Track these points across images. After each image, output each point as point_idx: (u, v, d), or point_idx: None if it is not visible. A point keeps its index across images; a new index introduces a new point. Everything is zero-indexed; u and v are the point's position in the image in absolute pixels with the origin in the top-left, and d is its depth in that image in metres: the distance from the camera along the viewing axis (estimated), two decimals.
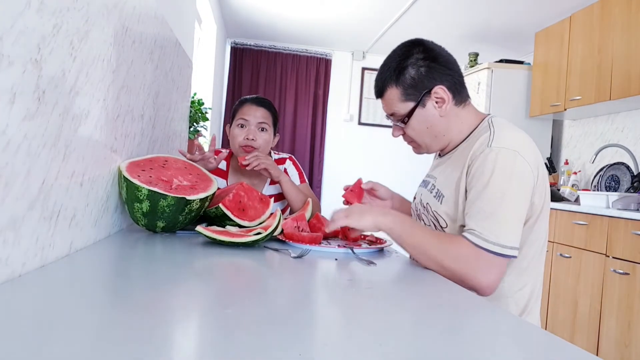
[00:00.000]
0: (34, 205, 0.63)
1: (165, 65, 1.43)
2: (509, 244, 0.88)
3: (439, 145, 1.09)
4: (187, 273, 0.76)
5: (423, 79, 1.01)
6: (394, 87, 1.04)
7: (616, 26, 2.73)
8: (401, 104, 1.04)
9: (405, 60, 1.02)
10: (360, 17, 3.87)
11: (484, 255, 0.88)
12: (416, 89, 1.02)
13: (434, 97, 1.02)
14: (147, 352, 0.41)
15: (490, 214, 0.89)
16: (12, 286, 0.56)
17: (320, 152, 4.96)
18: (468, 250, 0.89)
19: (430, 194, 1.08)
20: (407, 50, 1.04)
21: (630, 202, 2.38)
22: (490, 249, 0.88)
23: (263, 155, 1.51)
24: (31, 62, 0.60)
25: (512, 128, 0.99)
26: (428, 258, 0.92)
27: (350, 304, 0.66)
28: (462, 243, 0.90)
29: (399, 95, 1.04)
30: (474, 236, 0.89)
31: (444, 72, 1.02)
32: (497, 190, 0.90)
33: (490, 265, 0.88)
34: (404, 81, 1.02)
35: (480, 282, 0.88)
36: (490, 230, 0.88)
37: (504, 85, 3.55)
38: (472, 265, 0.88)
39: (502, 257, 0.88)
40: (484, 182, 0.91)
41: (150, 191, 0.99)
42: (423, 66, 1.01)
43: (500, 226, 0.89)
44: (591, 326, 2.39)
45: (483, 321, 0.64)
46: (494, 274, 0.88)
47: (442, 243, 0.92)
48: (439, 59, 1.02)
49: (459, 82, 1.04)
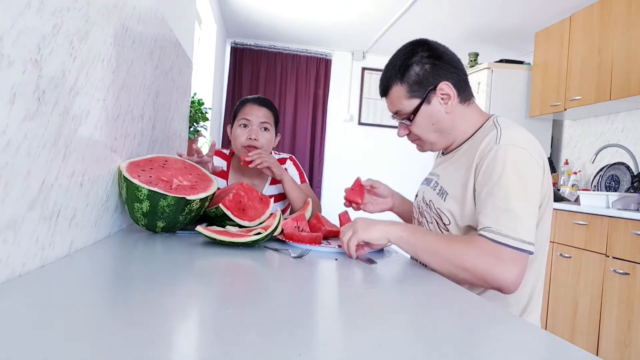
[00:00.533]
0: (34, 205, 0.63)
1: (165, 65, 1.43)
2: (527, 239, 0.87)
3: (444, 143, 1.09)
4: (187, 273, 0.76)
5: (428, 75, 1.02)
6: (399, 85, 1.04)
7: (616, 26, 2.73)
8: (406, 101, 1.04)
9: (410, 58, 1.03)
10: (360, 17, 3.87)
11: (505, 251, 0.86)
12: (421, 86, 1.02)
13: (439, 94, 1.02)
14: (147, 351, 0.41)
15: (505, 210, 0.88)
16: (12, 286, 0.56)
17: (320, 152, 4.96)
18: (489, 248, 0.87)
19: (434, 192, 1.08)
20: (412, 49, 1.04)
21: (630, 202, 2.38)
22: (511, 244, 0.86)
23: (266, 153, 1.51)
24: (31, 62, 0.60)
25: (518, 127, 1.00)
26: (446, 262, 0.89)
27: (350, 304, 0.66)
28: (481, 241, 0.88)
29: (404, 92, 1.04)
30: (492, 233, 0.88)
31: (449, 69, 1.02)
32: (511, 187, 0.89)
33: (514, 261, 0.86)
34: (409, 78, 1.03)
35: (506, 278, 0.85)
36: (508, 226, 0.87)
37: (504, 85, 3.55)
38: (494, 262, 0.86)
39: (523, 253, 0.87)
40: (496, 179, 0.91)
41: (150, 191, 0.99)
42: (428, 63, 1.02)
43: (517, 221, 0.87)
44: (591, 326, 2.39)
45: (483, 321, 0.64)
46: (518, 269, 0.86)
47: (460, 245, 0.90)
48: (443, 57, 1.03)
49: (464, 80, 1.05)
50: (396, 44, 1.09)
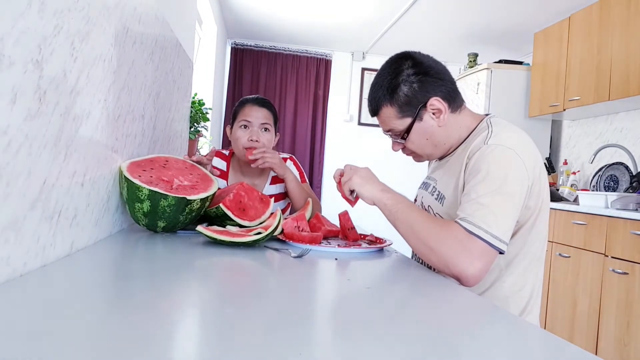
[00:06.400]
0: (35, 205, 0.63)
1: (166, 66, 1.43)
2: (500, 236, 0.86)
3: (440, 153, 1.09)
4: (188, 273, 0.76)
5: (417, 94, 1.01)
6: (388, 106, 1.04)
7: (615, 27, 2.73)
8: (398, 121, 1.04)
9: (397, 77, 1.02)
10: (360, 17, 3.87)
11: (475, 241, 0.86)
12: (411, 105, 1.02)
13: (430, 110, 1.02)
14: (148, 351, 0.41)
15: (484, 205, 0.88)
16: (13, 286, 0.57)
17: (320, 152, 4.96)
18: (459, 234, 0.87)
19: (432, 196, 1.08)
20: (397, 67, 1.03)
21: (629, 202, 2.38)
22: (482, 237, 0.85)
23: (270, 151, 1.51)
24: (32, 62, 0.60)
25: (510, 128, 0.99)
26: (417, 238, 0.91)
27: (350, 304, 0.66)
28: (454, 227, 0.88)
29: (394, 113, 1.04)
30: (466, 222, 0.87)
31: (437, 83, 1.01)
32: (492, 185, 0.89)
33: (480, 254, 0.85)
34: (398, 99, 1.02)
35: (467, 268, 0.85)
36: (483, 220, 0.86)
37: (503, 85, 3.55)
38: (461, 250, 0.85)
39: (492, 248, 0.86)
40: (480, 178, 0.91)
41: (151, 191, 0.99)
42: (415, 82, 1.01)
43: (493, 217, 0.87)
44: (590, 326, 2.39)
45: (483, 321, 0.64)
46: (482, 264, 0.85)
47: (435, 225, 0.91)
48: (429, 71, 1.02)
49: (452, 89, 1.04)
50: (396, 44, 1.10)
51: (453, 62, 4.53)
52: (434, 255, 0.88)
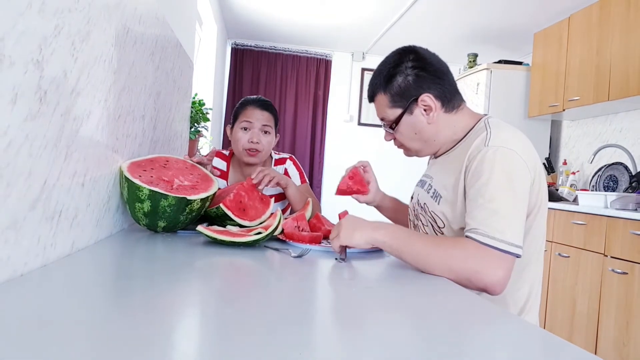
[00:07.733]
0: (35, 205, 0.63)
1: (166, 66, 1.43)
2: (514, 241, 0.87)
3: (428, 150, 1.10)
4: (188, 272, 0.77)
5: (410, 87, 1.03)
6: (382, 94, 1.07)
7: (615, 27, 2.73)
8: (389, 110, 1.07)
9: (395, 68, 1.04)
10: (359, 18, 3.87)
11: (492, 252, 0.86)
12: (403, 97, 1.04)
13: (421, 105, 1.03)
14: (148, 350, 0.41)
15: (493, 212, 0.88)
16: (13, 285, 0.57)
17: (320, 152, 4.96)
18: (475, 249, 0.87)
19: (428, 194, 1.09)
20: (399, 58, 1.05)
21: (628, 202, 2.38)
22: (498, 247, 0.86)
23: (267, 168, 1.48)
24: (33, 62, 0.60)
25: (508, 128, 0.99)
26: (433, 265, 0.89)
27: (350, 304, 0.66)
28: (468, 243, 0.88)
29: (387, 101, 1.06)
30: (479, 235, 0.87)
31: (433, 80, 1.02)
32: (498, 188, 0.89)
33: (500, 263, 0.86)
34: (391, 88, 1.05)
35: (492, 280, 0.85)
36: (495, 228, 0.87)
37: (502, 86, 3.55)
38: (481, 264, 0.86)
39: (509, 255, 0.86)
40: (484, 181, 0.91)
41: (151, 191, 0.99)
42: (411, 75, 1.02)
43: (504, 223, 0.87)
44: (589, 325, 2.40)
45: (482, 321, 0.64)
46: (504, 271, 0.86)
47: (446, 247, 0.89)
48: (428, 68, 1.03)
49: (449, 90, 1.04)
50: (395, 44, 1.09)
51: (453, 62, 4.53)
52: (454, 276, 0.87)
